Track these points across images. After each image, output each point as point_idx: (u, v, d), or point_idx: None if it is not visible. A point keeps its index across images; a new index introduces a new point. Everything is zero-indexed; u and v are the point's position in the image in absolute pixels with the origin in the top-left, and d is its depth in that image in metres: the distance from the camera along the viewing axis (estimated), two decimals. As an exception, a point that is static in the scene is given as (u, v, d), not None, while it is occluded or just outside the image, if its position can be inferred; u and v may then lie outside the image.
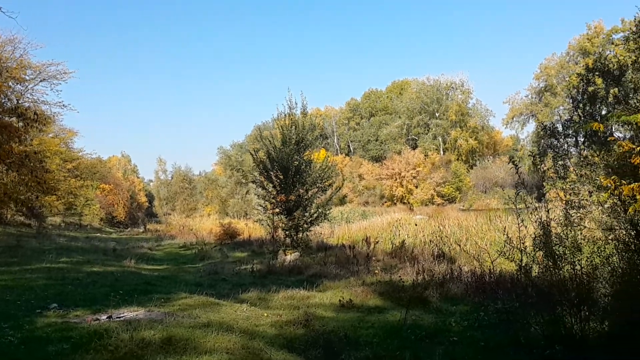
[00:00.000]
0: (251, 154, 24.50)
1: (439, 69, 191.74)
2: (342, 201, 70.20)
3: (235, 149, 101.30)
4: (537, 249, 9.10)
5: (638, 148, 7.09)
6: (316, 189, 23.60)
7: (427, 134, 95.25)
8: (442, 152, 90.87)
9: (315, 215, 23.57)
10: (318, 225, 24.85)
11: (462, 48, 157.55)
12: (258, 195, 26.10)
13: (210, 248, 26.84)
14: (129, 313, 10.05)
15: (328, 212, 24.38)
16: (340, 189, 26.04)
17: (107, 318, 9.60)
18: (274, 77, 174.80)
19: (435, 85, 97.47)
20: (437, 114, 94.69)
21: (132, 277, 16.15)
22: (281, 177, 22.80)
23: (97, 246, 27.93)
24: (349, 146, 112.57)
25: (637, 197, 7.00)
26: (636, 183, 7.00)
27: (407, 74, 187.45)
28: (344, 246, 23.60)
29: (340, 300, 12.24)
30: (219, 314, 10.55)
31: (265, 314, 10.85)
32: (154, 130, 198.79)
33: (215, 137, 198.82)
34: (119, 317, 9.64)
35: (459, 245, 22.20)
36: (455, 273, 15.60)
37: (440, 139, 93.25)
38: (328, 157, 30.57)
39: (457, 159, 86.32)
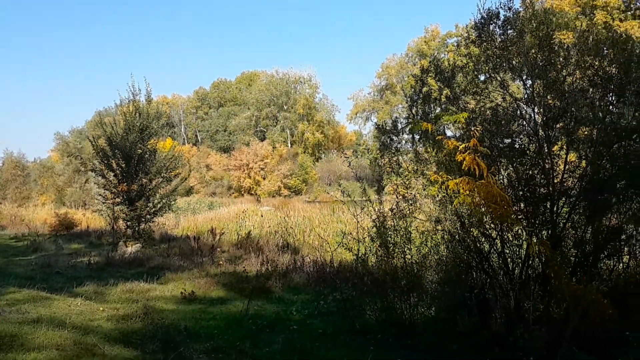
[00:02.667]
0: (90, 141, 23.17)
1: (288, 62, 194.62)
2: (189, 192, 68.79)
3: (74, 135, 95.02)
4: (373, 240, 9.60)
5: (462, 146, 7.69)
6: (161, 179, 23.01)
7: (275, 126, 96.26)
8: (289, 145, 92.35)
9: (159, 205, 22.98)
10: (162, 216, 24.29)
11: (310, 43, 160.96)
12: (98, 185, 24.79)
13: (45, 239, 24.99)
14: (-56, 312, 9.09)
15: (173, 202, 23.92)
16: (186, 179, 25.57)
17: None
18: (117, 61, 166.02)
19: (285, 78, 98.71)
20: (285, 107, 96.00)
21: (-49, 272, 14.63)
22: (123, 165, 21.91)
23: None
24: (196, 136, 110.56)
25: (461, 191, 7.59)
26: (460, 178, 7.58)
27: (257, 66, 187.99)
28: (188, 237, 23.26)
29: (182, 293, 12.07)
30: (51, 309, 9.92)
31: (102, 308, 10.37)
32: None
33: (52, 122, 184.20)
34: None
35: (303, 236, 22.85)
36: (299, 263, 16.08)
37: (288, 132, 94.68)
38: (174, 146, 29.81)
39: (304, 152, 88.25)
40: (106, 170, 22.39)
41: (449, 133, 10.39)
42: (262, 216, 31.69)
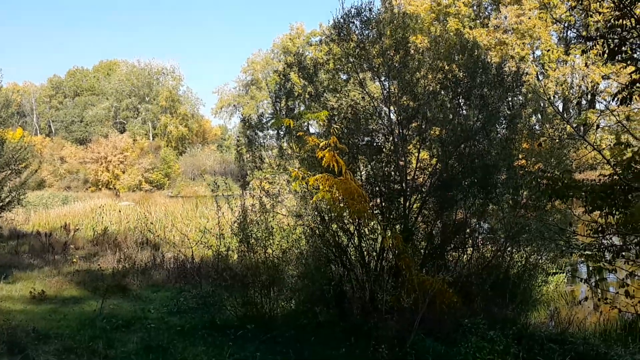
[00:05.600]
0: None
1: (152, 53, 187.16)
2: (41, 185, 64.28)
3: None
4: (235, 235, 9.55)
5: (322, 143, 7.86)
6: (9, 171, 21.30)
7: (136, 118, 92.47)
8: (151, 138, 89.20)
9: (7, 200, 21.29)
10: (10, 211, 22.56)
11: (174, 35, 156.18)
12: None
13: None
14: None
15: (23, 196, 22.24)
16: (36, 171, 23.87)
17: None
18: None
19: (147, 69, 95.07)
20: (147, 99, 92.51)
21: None
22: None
23: None
24: (50, 126, 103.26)
25: (321, 187, 7.76)
26: (320, 174, 7.75)
27: (117, 55, 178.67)
28: (40, 234, 21.69)
29: (31, 292, 11.32)
30: None
31: None
32: None
33: None
34: None
35: (164, 232, 22.20)
36: (159, 260, 15.67)
37: (150, 124, 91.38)
38: (24, 136, 27.68)
39: (167, 146, 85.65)
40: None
41: (314, 130, 10.57)
42: (120, 211, 30.34)
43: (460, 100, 9.39)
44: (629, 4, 5.47)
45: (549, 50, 36.78)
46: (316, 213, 9.27)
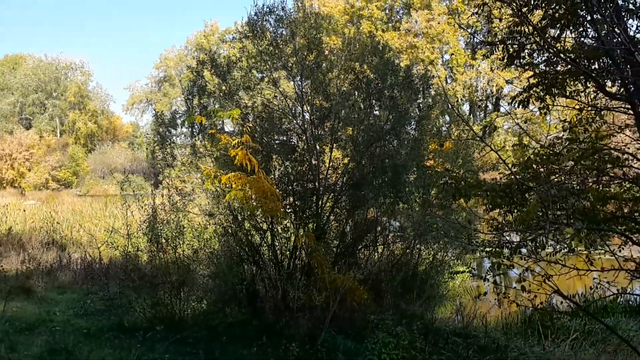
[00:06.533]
0: None
1: (60, 48, 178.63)
2: None
3: None
4: (144, 235, 9.33)
5: (235, 141, 7.81)
6: None
7: (43, 114, 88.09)
8: (59, 135, 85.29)
9: None
10: None
11: (83, 30, 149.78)
12: None
13: None
14: None
15: None
16: None
17: None
18: None
19: (54, 63, 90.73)
20: (55, 94, 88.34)
21: None
22: None
23: None
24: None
25: (234, 185, 7.70)
26: (232, 173, 7.69)
27: (22, 49, 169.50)
28: None
29: None
30: None
31: None
32: None
33: None
34: None
35: (71, 232, 21.35)
36: (65, 261, 15.14)
37: (57, 121, 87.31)
38: None
39: (76, 143, 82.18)
40: None
41: (229, 128, 10.48)
42: (25, 211, 28.85)
43: (372, 101, 9.59)
44: (527, 12, 5.77)
45: (453, 54, 38.23)
46: (229, 212, 9.20)
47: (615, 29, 4.95)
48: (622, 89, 5.53)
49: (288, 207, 9.36)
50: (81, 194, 59.66)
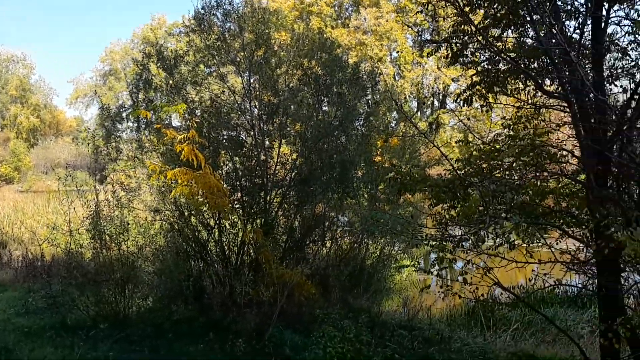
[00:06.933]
0: None
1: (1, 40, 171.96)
2: None
3: None
4: (88, 231, 9.12)
5: (181, 136, 7.72)
6: None
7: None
8: (0, 129, 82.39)
9: None
10: None
11: (26, 22, 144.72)
12: None
13: None
14: None
15: None
16: None
17: None
18: None
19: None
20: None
21: None
22: None
23: None
24: None
25: (180, 181, 7.63)
26: (178, 169, 7.60)
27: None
28: None
29: None
30: None
31: None
32: None
33: None
34: None
35: (12, 229, 20.72)
36: (6, 258, 14.84)
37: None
38: None
39: (17, 137, 79.45)
40: None
41: (178, 123, 10.33)
42: (-39, 208, 27.75)
43: (320, 97, 9.62)
44: (469, 11, 5.90)
45: (399, 52, 38.68)
46: (175, 208, 9.09)
47: (553, 30, 5.11)
48: (559, 88, 5.72)
49: (236, 202, 9.32)
50: (23, 189, 57.65)
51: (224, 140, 9.53)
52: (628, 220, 4.46)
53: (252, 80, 9.39)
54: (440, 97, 40.59)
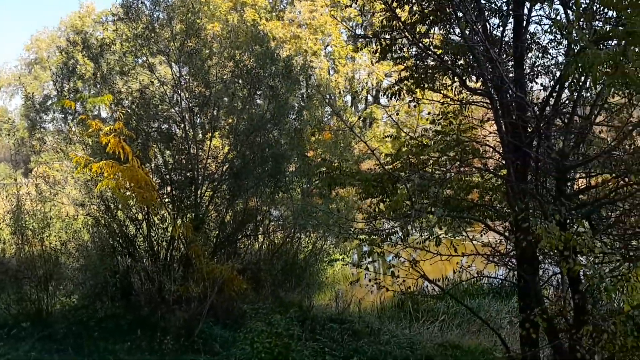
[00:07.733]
0: None
1: None
2: None
3: None
4: (9, 226, 8.74)
5: (107, 128, 7.49)
6: None
7: None
8: None
9: None
10: None
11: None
12: None
13: None
14: None
15: None
16: None
17: None
18: None
19: None
20: None
21: None
22: None
23: None
24: None
25: (106, 174, 7.38)
26: (104, 161, 7.35)
27: None
28: None
29: None
30: None
31: None
32: None
33: None
34: None
35: None
36: None
37: None
38: None
39: None
40: None
41: (106, 114, 10.00)
42: None
43: (253, 90, 9.50)
44: (397, 7, 5.93)
45: (333, 46, 38.68)
46: (101, 202, 8.79)
47: (475, 27, 5.21)
48: (483, 85, 5.84)
49: (165, 196, 9.11)
50: None
51: (154, 133, 9.27)
52: (545, 213, 4.61)
53: (182, 72, 9.18)
54: (374, 92, 40.91)
